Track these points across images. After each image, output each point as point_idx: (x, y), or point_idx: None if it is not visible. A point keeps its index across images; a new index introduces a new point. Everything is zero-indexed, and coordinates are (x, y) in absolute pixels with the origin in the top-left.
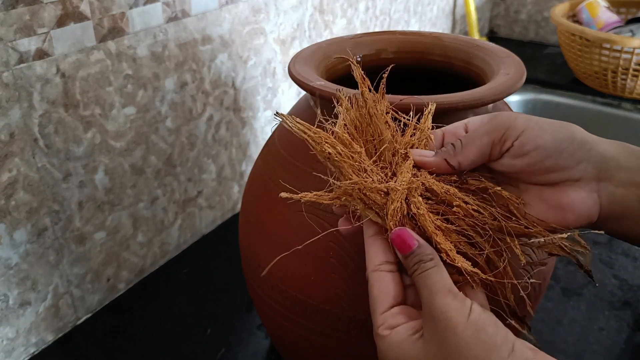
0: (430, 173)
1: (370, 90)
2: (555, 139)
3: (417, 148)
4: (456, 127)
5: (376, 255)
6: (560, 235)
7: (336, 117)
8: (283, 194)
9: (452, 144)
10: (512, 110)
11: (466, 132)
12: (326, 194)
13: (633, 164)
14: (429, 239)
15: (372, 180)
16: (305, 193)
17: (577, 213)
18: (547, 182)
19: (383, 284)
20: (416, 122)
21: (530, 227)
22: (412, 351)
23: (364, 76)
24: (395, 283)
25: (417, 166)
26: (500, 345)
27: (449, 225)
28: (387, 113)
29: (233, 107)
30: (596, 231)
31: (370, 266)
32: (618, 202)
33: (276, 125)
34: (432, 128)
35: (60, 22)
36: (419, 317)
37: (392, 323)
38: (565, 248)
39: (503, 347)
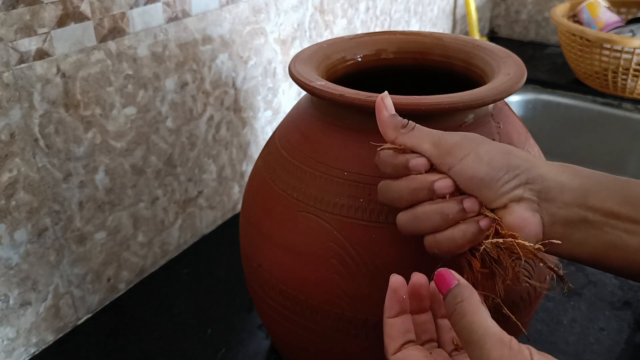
0: None
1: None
2: (491, 167)
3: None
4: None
5: (393, 338)
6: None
7: (336, 117)
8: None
9: (408, 122)
10: (512, 110)
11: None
12: None
13: (577, 184)
14: None
15: None
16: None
17: (524, 232)
18: (496, 207)
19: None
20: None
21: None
22: None
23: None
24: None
25: None
26: None
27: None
28: None
29: (233, 107)
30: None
31: (389, 350)
32: (560, 222)
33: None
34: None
35: (61, 22)
36: None
37: None
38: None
39: None
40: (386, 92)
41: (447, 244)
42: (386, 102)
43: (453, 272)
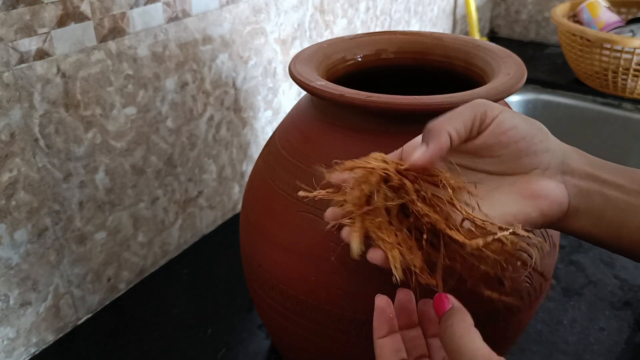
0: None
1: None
2: (528, 123)
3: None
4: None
5: (383, 322)
6: (504, 234)
7: (336, 117)
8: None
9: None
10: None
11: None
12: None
13: (585, 160)
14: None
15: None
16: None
17: (550, 200)
18: (519, 170)
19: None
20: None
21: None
22: None
23: None
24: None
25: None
26: None
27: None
28: None
29: (234, 107)
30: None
31: (375, 334)
32: (583, 194)
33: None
34: None
35: (61, 22)
36: None
37: None
38: (509, 247)
39: None
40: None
41: None
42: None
43: (450, 296)
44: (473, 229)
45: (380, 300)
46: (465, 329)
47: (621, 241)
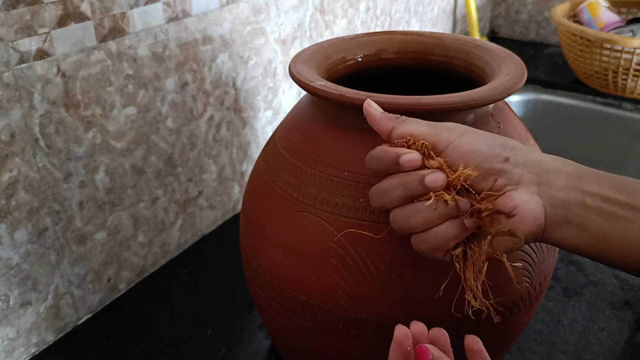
0: None
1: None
2: (489, 144)
3: None
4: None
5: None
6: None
7: (336, 117)
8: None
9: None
10: (512, 110)
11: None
12: None
13: (571, 170)
14: None
15: None
16: None
17: (523, 216)
18: (491, 189)
19: None
20: None
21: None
22: None
23: None
24: None
25: None
26: None
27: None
28: None
29: (234, 107)
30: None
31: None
32: (560, 206)
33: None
34: None
35: (61, 22)
36: None
37: None
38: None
39: None
40: (368, 98)
41: (433, 241)
42: (373, 105)
43: (429, 346)
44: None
45: (400, 332)
46: None
47: (607, 253)
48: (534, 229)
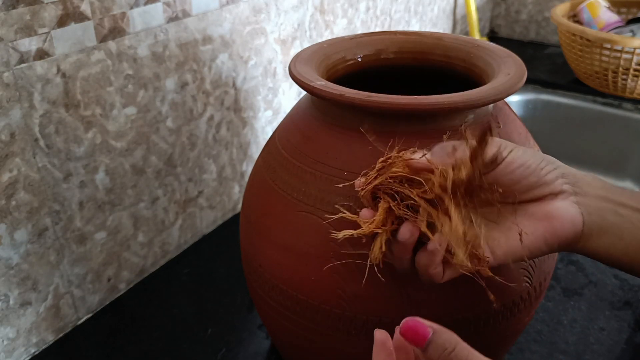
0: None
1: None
2: (535, 158)
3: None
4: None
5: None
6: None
7: (336, 117)
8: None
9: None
10: (512, 110)
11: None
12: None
13: (600, 184)
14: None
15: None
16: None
17: (562, 220)
18: (533, 198)
19: None
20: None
21: None
22: None
23: None
24: None
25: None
26: None
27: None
28: None
29: (234, 107)
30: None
31: None
32: (596, 214)
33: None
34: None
35: (61, 22)
36: None
37: None
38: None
39: None
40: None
41: (420, 270)
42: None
43: (421, 320)
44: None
45: (380, 335)
46: (467, 350)
47: None
48: (570, 235)
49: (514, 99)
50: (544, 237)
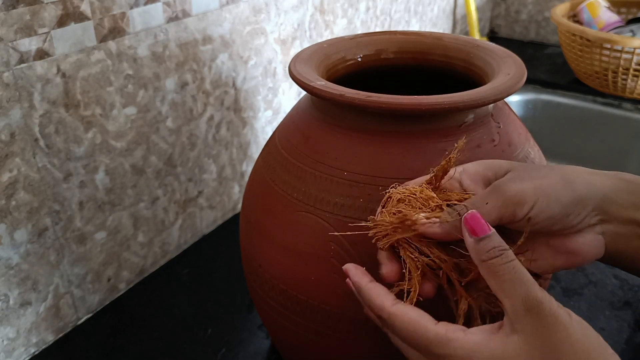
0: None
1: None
2: (562, 205)
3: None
4: (451, 182)
5: (385, 295)
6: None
7: (336, 117)
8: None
9: (456, 210)
10: (512, 110)
11: (460, 183)
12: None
13: (628, 201)
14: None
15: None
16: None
17: (583, 255)
18: (556, 234)
19: (413, 310)
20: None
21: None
22: (509, 346)
23: None
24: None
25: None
26: (604, 346)
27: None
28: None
29: (234, 107)
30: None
31: (386, 305)
32: (621, 241)
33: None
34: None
35: (61, 22)
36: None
37: (455, 327)
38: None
39: (607, 349)
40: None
41: None
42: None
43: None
44: None
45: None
46: (515, 260)
47: None
48: (591, 262)
49: (514, 99)
50: (562, 267)
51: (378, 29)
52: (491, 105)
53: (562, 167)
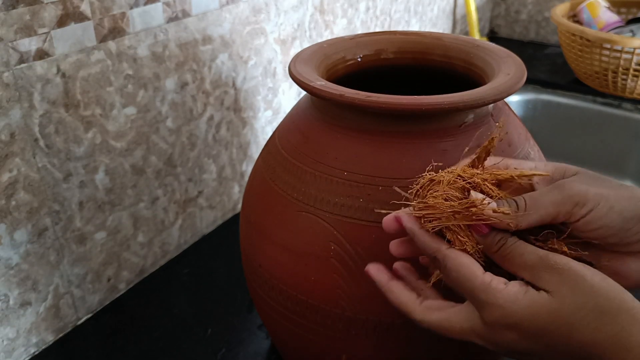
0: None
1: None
2: (623, 218)
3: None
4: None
5: (441, 241)
6: None
7: (336, 117)
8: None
9: (515, 201)
10: (512, 110)
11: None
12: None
13: None
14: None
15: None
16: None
17: (629, 280)
18: (606, 249)
19: (465, 256)
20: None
21: None
22: (541, 302)
23: None
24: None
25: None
26: (618, 286)
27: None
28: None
29: (234, 107)
30: None
31: (442, 247)
32: None
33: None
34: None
35: (61, 22)
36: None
37: (497, 280)
38: None
39: (621, 288)
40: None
41: None
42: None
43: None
44: None
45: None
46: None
47: None
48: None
49: (514, 99)
50: None
51: (378, 29)
52: (491, 106)
53: (634, 186)
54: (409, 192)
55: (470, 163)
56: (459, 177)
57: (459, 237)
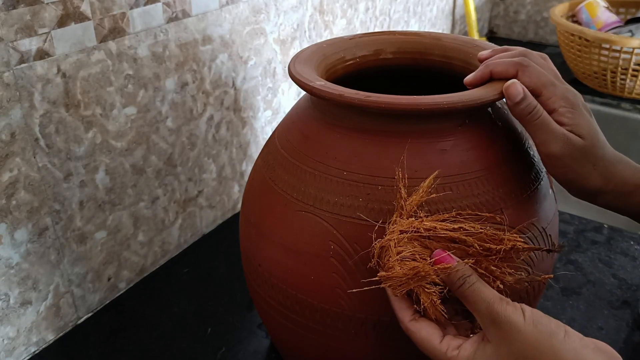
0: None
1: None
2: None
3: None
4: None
5: (406, 309)
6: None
7: (335, 117)
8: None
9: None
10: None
11: None
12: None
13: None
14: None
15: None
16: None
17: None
18: None
19: (426, 326)
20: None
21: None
22: (486, 355)
23: None
24: (433, 324)
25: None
26: (555, 330)
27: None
28: None
29: (233, 107)
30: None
31: (405, 320)
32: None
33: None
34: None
35: (61, 22)
36: (463, 335)
37: (453, 345)
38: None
39: (558, 332)
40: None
41: None
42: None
43: (448, 253)
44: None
45: None
46: (486, 286)
47: None
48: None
49: None
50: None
51: (377, 29)
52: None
53: (611, 154)
54: (372, 262)
55: (407, 214)
56: (402, 233)
57: (425, 289)
